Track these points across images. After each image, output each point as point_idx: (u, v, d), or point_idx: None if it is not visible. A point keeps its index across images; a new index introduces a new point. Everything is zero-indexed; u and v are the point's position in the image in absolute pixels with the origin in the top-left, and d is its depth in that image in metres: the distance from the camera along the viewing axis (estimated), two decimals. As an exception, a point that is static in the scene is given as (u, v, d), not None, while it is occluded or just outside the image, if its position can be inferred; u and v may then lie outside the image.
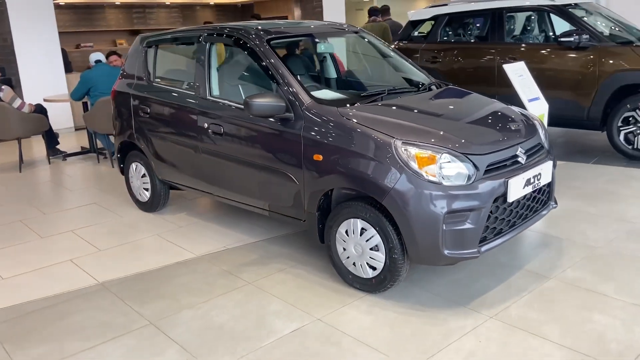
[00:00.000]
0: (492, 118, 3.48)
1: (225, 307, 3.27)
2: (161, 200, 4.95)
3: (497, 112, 3.60)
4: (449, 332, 2.87)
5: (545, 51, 6.35)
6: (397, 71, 4.39)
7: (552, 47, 6.31)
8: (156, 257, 4.05)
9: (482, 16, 7.45)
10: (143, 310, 3.29)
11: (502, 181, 3.06)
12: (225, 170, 4.01)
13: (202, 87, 4.12)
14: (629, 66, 5.73)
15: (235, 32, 3.96)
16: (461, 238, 2.98)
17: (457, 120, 3.38)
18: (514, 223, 3.30)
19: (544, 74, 6.16)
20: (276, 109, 3.42)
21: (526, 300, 3.15)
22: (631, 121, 5.81)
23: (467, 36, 7.55)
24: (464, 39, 7.48)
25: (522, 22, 7.39)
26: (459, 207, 2.93)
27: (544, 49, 6.41)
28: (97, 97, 6.75)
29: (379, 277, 3.22)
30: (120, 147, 5.11)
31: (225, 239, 4.30)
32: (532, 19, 7.39)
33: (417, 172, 2.95)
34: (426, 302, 3.20)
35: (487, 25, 7.64)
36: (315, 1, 12.92)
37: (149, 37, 4.81)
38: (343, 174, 3.19)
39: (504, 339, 2.79)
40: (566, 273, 3.45)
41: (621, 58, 5.79)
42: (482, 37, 7.36)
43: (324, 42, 4.39)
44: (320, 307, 3.20)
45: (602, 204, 4.63)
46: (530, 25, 7.44)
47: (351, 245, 3.30)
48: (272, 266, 3.79)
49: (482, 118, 3.46)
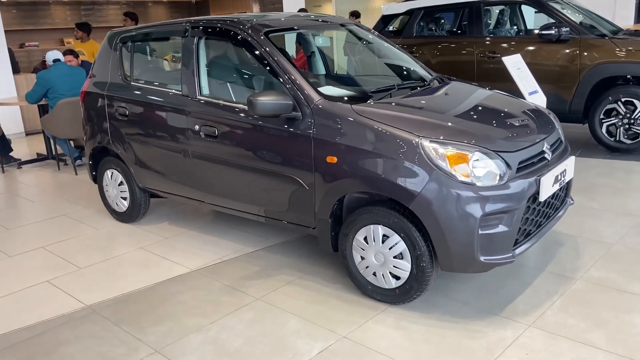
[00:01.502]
0: (513, 113, 3.29)
1: (235, 328, 2.96)
2: (141, 210, 4.55)
3: (516, 106, 3.42)
4: (490, 346, 2.66)
5: (525, 44, 6.27)
6: (395, 65, 4.15)
7: (532, 41, 6.25)
8: (146, 273, 3.68)
9: (458, 9, 7.34)
10: (144, 336, 2.93)
11: (534, 179, 2.87)
12: (220, 176, 3.68)
13: (191, 85, 3.76)
14: (610, 58, 5.71)
15: (228, 25, 3.62)
16: (496, 242, 2.77)
17: (480, 116, 3.17)
18: (540, 223, 3.13)
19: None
20: (283, 107, 3.13)
21: (560, 304, 2.98)
22: (613, 113, 5.80)
23: (442, 30, 7.42)
24: (439, 33, 7.35)
25: (496, 16, 7.33)
26: (494, 209, 2.72)
27: (524, 43, 6.33)
28: (57, 99, 6.23)
29: (404, 287, 2.98)
30: (93, 153, 4.67)
31: (219, 250, 3.96)
32: (505, 12, 7.34)
33: (449, 173, 2.72)
34: (455, 312, 2.98)
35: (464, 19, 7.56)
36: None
37: (122, 33, 4.40)
38: (362, 176, 2.93)
39: (551, 349, 2.60)
40: (591, 273, 3.31)
41: (602, 50, 5.77)
42: (460, 31, 7.25)
43: (321, 36, 4.11)
44: (342, 323, 2.93)
45: (601, 197, 4.55)
46: (503, 19, 7.39)
47: (371, 253, 3.04)
48: (278, 278, 3.49)
49: (504, 113, 3.27)
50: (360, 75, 4.11)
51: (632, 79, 5.69)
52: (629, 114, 5.66)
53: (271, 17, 3.80)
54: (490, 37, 6.63)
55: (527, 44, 6.25)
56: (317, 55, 4.51)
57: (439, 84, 3.78)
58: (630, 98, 5.63)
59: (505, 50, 6.29)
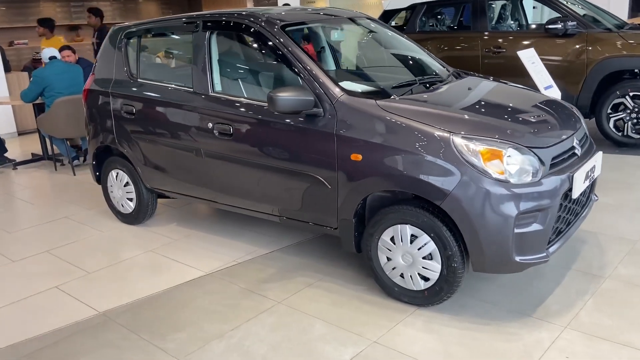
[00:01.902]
0: (540, 108, 3.21)
1: (259, 334, 2.84)
2: (148, 211, 4.41)
3: (542, 101, 3.33)
4: (528, 349, 2.57)
5: (531, 39, 6.20)
6: (409, 60, 4.05)
7: (538, 35, 6.18)
8: (158, 277, 3.55)
9: (459, 5, 7.27)
10: (164, 344, 2.80)
11: (567, 176, 2.79)
12: (235, 175, 3.56)
13: (203, 82, 3.63)
14: (617, 52, 5.66)
15: (243, 19, 3.49)
16: (531, 242, 2.69)
17: (509, 111, 3.08)
18: (570, 221, 3.05)
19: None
20: (304, 103, 3.01)
21: (592, 304, 2.91)
22: (621, 108, 5.75)
23: (443, 25, 7.34)
24: (439, 28, 7.27)
25: (498, 10, 7.26)
26: (529, 207, 2.63)
27: (530, 37, 6.26)
28: (54, 98, 6.05)
29: (433, 288, 2.88)
30: (96, 152, 4.51)
31: (232, 252, 3.84)
32: (507, 6, 7.28)
33: (483, 170, 2.63)
34: (485, 313, 2.89)
35: (464, 14, 7.49)
36: (269, -7, 12.44)
37: (127, 28, 4.25)
38: (389, 175, 2.83)
39: (591, 352, 2.52)
40: (619, 271, 3.24)
41: (609, 44, 5.72)
42: (459, 27, 7.18)
43: (337, 30, 3.99)
44: (370, 327, 2.83)
45: (615, 193, 4.49)
46: (506, 14, 7.33)
47: (398, 254, 2.94)
48: (298, 280, 3.38)
49: (531, 108, 3.18)
50: (375, 70, 3.99)
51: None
52: (637, 108, 5.61)
53: (281, 11, 3.67)
54: (496, 32, 6.56)
55: (533, 38, 6.18)
56: (328, 51, 4.40)
57: (458, 78, 3.68)
58: (638, 92, 5.58)
59: (511, 45, 6.23)
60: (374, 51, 4.11)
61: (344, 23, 4.05)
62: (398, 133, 2.81)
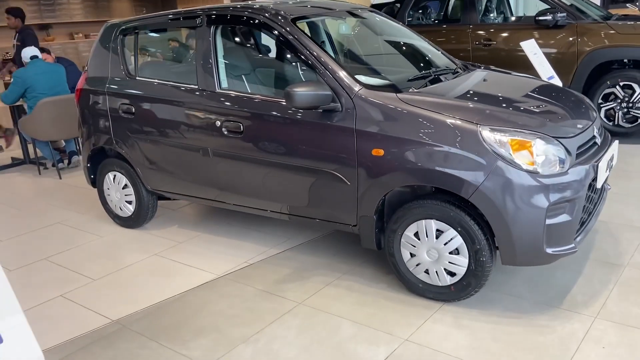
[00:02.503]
0: (558, 98, 3.19)
1: (286, 337, 2.76)
2: (149, 214, 4.27)
3: (557, 93, 3.32)
4: (563, 341, 2.55)
5: (521, 31, 6.22)
6: (416, 53, 4.00)
7: (528, 27, 6.21)
8: (168, 282, 3.43)
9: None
10: (188, 351, 2.69)
11: (592, 165, 2.78)
12: (245, 174, 3.45)
13: (209, 79, 3.51)
14: (607, 43, 5.72)
15: (250, 13, 3.38)
16: (561, 232, 2.66)
17: (530, 102, 3.05)
18: (590, 211, 3.04)
19: (523, 53, 6.03)
20: (322, 98, 2.93)
21: (618, 293, 2.91)
22: (611, 98, 5.82)
23: (429, 19, 7.33)
24: (426, 21, 7.26)
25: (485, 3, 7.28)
26: (559, 198, 2.61)
27: (521, 28, 6.29)
28: (37, 99, 5.82)
29: (461, 283, 2.84)
30: (91, 155, 4.35)
31: (241, 253, 3.74)
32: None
33: (512, 161, 2.59)
34: (514, 307, 2.86)
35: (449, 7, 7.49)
36: (246, -11, 12.28)
37: (122, 25, 4.09)
38: (414, 169, 2.77)
39: (627, 341, 2.51)
40: (636, 259, 3.25)
41: (599, 35, 5.78)
42: (452, 19, 7.18)
43: (343, 23, 3.91)
44: (400, 325, 2.77)
45: (618, 182, 4.54)
46: (491, 6, 7.36)
47: (423, 250, 2.89)
48: (315, 280, 3.30)
49: (550, 99, 3.16)
50: (385, 63, 3.93)
51: (630, 63, 5.72)
52: (627, 97, 5.69)
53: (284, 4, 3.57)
54: (485, 24, 6.57)
55: (523, 30, 6.21)
56: (328, 45, 4.31)
57: (469, 70, 3.65)
58: (628, 82, 5.65)
59: (501, 38, 6.25)
60: (381, 44, 4.05)
61: (349, 16, 3.97)
62: (422, 126, 2.75)
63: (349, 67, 3.32)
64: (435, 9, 7.56)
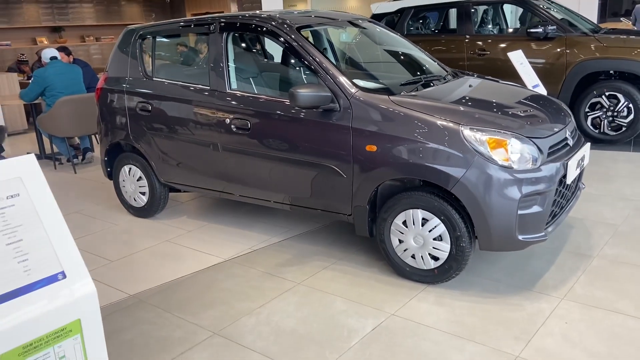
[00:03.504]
0: (535, 103, 3.53)
1: (285, 310, 3.09)
2: (160, 205, 4.61)
3: (536, 98, 3.66)
4: (531, 317, 2.88)
5: (514, 42, 6.58)
6: (410, 60, 4.35)
7: (520, 38, 6.56)
8: (180, 264, 3.77)
9: (443, 9, 7.63)
10: (198, 320, 3.03)
11: (562, 163, 3.12)
12: (251, 168, 3.80)
13: (220, 80, 3.86)
14: (594, 55, 6.07)
15: (260, 21, 3.74)
16: (532, 222, 3.00)
17: (509, 106, 3.40)
18: (563, 205, 3.37)
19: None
20: (322, 99, 3.28)
21: (585, 279, 3.24)
22: (597, 107, 6.16)
23: (428, 29, 7.69)
24: (424, 31, 7.62)
25: (481, 15, 7.65)
26: (530, 191, 2.95)
27: (513, 40, 6.65)
28: (55, 98, 6.18)
29: (443, 267, 3.17)
30: (108, 149, 4.70)
31: (246, 241, 4.08)
32: (489, 11, 7.67)
33: (490, 157, 2.93)
34: (491, 289, 3.20)
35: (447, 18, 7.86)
36: (253, -4, 12.66)
37: (141, 30, 4.45)
38: (403, 163, 3.11)
39: (587, 318, 2.84)
40: (605, 251, 3.58)
41: (586, 47, 6.13)
42: (449, 30, 7.55)
43: (344, 32, 4.27)
44: (387, 302, 3.11)
45: (597, 184, 4.87)
46: (487, 18, 7.73)
47: (410, 236, 3.23)
48: (313, 264, 3.64)
49: (528, 103, 3.50)
50: (381, 69, 4.28)
51: (615, 74, 6.06)
52: (612, 107, 6.03)
53: (289, 14, 3.92)
54: (480, 35, 6.93)
55: (515, 41, 6.56)
56: (329, 52, 4.67)
57: (456, 77, 4.00)
58: (613, 92, 5.99)
59: (494, 48, 6.61)
60: (378, 51, 4.40)
61: (348, 25, 4.33)
62: (412, 125, 3.10)
63: (347, 71, 3.66)
64: (434, 19, 7.93)
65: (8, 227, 1.53)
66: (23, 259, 1.52)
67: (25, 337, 1.47)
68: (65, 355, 1.56)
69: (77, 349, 1.58)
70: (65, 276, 1.56)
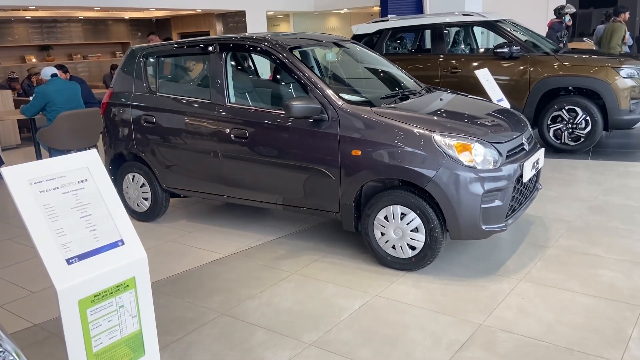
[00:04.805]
0: (497, 113, 4.07)
1: (283, 294, 3.54)
2: (162, 209, 5.03)
3: (498, 110, 4.20)
4: (494, 295, 3.37)
5: (482, 61, 7.18)
6: (388, 77, 4.88)
7: (488, 58, 7.17)
8: (185, 259, 4.19)
9: (418, 30, 8.23)
10: (207, 304, 3.46)
11: (519, 165, 3.64)
12: (248, 173, 4.25)
13: (220, 94, 4.33)
14: (554, 73, 6.69)
15: (257, 43, 4.23)
16: (494, 214, 3.51)
17: (475, 116, 3.93)
18: (521, 202, 3.90)
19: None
20: (313, 110, 3.76)
21: (540, 265, 3.75)
22: (558, 120, 6.77)
23: (405, 49, 8.28)
24: (401, 50, 8.21)
25: (453, 36, 8.26)
26: (492, 187, 3.46)
27: (482, 59, 7.25)
28: (56, 112, 6.57)
29: (419, 255, 3.66)
30: (113, 159, 5.11)
31: (244, 240, 4.52)
32: (460, 32, 8.29)
33: (457, 159, 3.44)
34: (460, 273, 3.69)
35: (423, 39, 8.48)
36: (237, 17, 13.22)
37: (146, 49, 4.91)
38: (383, 165, 3.61)
39: (541, 294, 3.34)
40: (560, 242, 4.11)
41: (547, 66, 6.75)
42: (424, 49, 8.15)
43: (329, 51, 4.78)
44: (372, 286, 3.58)
45: (556, 187, 5.43)
46: (459, 39, 8.34)
47: (391, 229, 3.71)
48: (305, 257, 4.09)
49: (491, 114, 4.04)
50: (363, 85, 4.81)
51: (573, 90, 6.68)
52: (571, 120, 6.63)
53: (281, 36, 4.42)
54: (452, 54, 7.53)
55: (484, 60, 7.17)
56: (317, 69, 5.18)
57: (430, 92, 4.53)
58: (572, 106, 6.60)
59: (465, 67, 7.20)
60: (360, 69, 4.92)
61: (335, 46, 4.85)
62: (391, 132, 3.60)
63: (334, 86, 4.16)
64: (410, 40, 8.53)
65: (80, 204, 1.97)
66: (93, 228, 1.96)
67: (96, 287, 1.91)
68: (123, 305, 2.00)
69: (132, 300, 2.02)
70: (123, 243, 2.00)
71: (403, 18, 8.05)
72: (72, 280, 1.84)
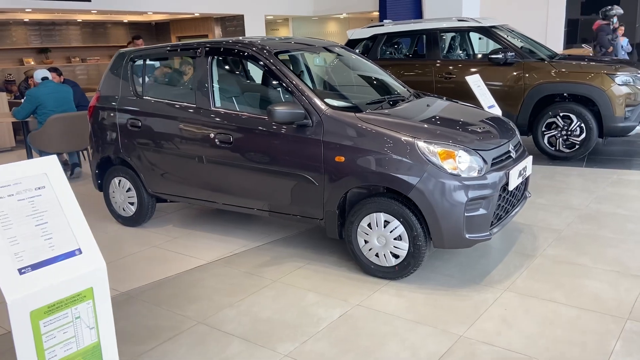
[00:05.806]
0: (484, 121, 4.01)
1: (262, 303, 3.48)
2: (148, 214, 4.98)
3: (485, 116, 4.14)
4: (476, 305, 3.31)
5: (477, 67, 7.12)
6: (377, 82, 4.82)
7: (483, 63, 7.11)
8: (167, 266, 4.13)
9: (414, 36, 8.18)
10: (185, 312, 3.40)
11: (504, 172, 3.58)
12: (233, 178, 4.20)
13: (205, 99, 4.28)
14: (548, 79, 6.62)
15: (243, 47, 4.18)
16: (478, 223, 3.44)
17: (460, 122, 3.87)
18: (507, 210, 3.83)
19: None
20: (297, 115, 3.71)
21: (526, 274, 3.68)
22: (553, 126, 6.70)
23: (400, 54, 8.23)
24: (397, 56, 8.16)
25: (448, 41, 8.21)
26: (476, 196, 3.39)
27: (476, 65, 7.19)
28: (47, 115, 6.54)
29: (402, 263, 3.59)
30: (100, 163, 5.07)
31: (228, 245, 4.46)
32: (456, 38, 8.24)
33: (440, 166, 3.38)
34: (444, 283, 3.62)
35: (419, 44, 8.43)
36: (236, 21, 13.20)
37: (132, 53, 4.86)
38: (366, 172, 3.54)
39: (524, 305, 3.27)
40: (547, 251, 4.04)
41: (542, 72, 6.69)
42: (415, 55, 8.10)
43: (318, 57, 4.73)
44: (353, 295, 3.51)
45: (547, 195, 5.36)
46: (455, 44, 8.29)
47: (374, 237, 3.65)
48: (289, 264, 4.03)
49: (477, 121, 3.98)
50: (350, 90, 4.75)
51: (568, 96, 6.62)
52: (566, 126, 6.56)
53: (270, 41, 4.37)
54: (446, 60, 7.47)
55: (479, 66, 7.11)
56: (306, 74, 5.13)
57: (418, 97, 4.47)
58: (567, 113, 6.54)
59: (460, 72, 7.14)
60: (348, 74, 4.87)
61: (323, 51, 4.80)
62: (375, 139, 3.54)
63: (319, 91, 4.11)
64: (406, 45, 8.48)
65: (36, 212, 1.91)
66: (48, 237, 1.90)
67: (50, 298, 1.85)
68: (80, 316, 1.94)
69: (89, 311, 1.96)
70: (81, 252, 1.95)
71: (398, 23, 8.01)
72: (24, 290, 1.79)
